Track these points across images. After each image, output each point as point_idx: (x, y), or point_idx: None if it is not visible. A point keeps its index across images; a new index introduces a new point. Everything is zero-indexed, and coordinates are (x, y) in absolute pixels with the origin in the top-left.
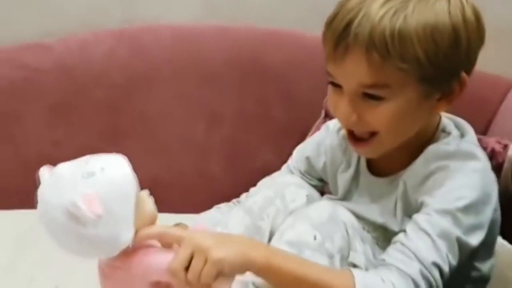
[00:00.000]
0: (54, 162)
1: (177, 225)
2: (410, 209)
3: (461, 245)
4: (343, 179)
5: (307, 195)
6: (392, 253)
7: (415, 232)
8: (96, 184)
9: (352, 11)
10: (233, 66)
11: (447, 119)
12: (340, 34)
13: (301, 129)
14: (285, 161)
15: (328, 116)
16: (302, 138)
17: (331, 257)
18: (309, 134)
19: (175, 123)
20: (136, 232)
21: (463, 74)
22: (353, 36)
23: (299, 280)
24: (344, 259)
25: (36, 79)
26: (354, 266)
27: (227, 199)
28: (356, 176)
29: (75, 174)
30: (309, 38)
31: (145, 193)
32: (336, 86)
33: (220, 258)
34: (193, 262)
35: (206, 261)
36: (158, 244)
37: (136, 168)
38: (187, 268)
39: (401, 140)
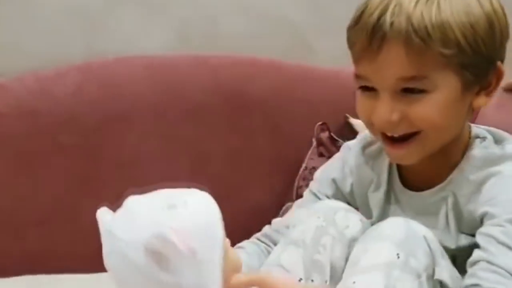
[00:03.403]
0: (18, 220)
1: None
2: (463, 222)
3: None
4: (375, 199)
5: (360, 220)
6: (484, 275)
7: (495, 247)
8: (181, 218)
9: (382, 3)
10: (215, 98)
11: (476, 127)
12: (373, 28)
13: (290, 162)
14: (277, 199)
15: (321, 145)
16: (292, 172)
17: (418, 276)
18: (303, 166)
19: (156, 166)
20: (224, 283)
21: (500, 64)
22: (389, 27)
23: None
24: (430, 277)
25: None
26: (441, 283)
27: None
28: (389, 194)
29: (154, 207)
30: (288, 66)
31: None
32: (369, 90)
33: None
34: None
35: None
36: None
37: None
38: None
39: (444, 140)
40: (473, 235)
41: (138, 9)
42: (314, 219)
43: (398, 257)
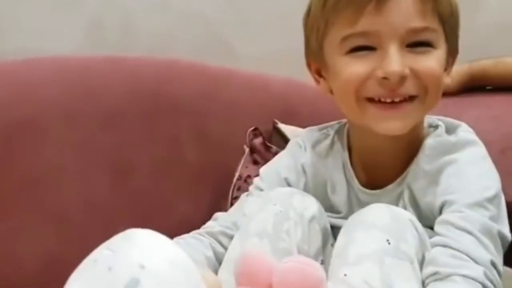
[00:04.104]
0: None
1: None
2: (422, 216)
3: (502, 239)
4: (338, 201)
5: (315, 201)
6: (445, 260)
7: (453, 232)
8: None
9: None
10: (135, 102)
11: (427, 116)
12: None
13: (220, 171)
14: (207, 212)
15: (255, 152)
16: (222, 182)
17: (411, 262)
18: (237, 175)
19: (71, 181)
20: None
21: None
22: None
23: None
24: (421, 263)
25: None
26: None
27: None
28: (351, 195)
29: None
30: (211, 68)
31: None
32: (366, 49)
33: None
34: None
35: None
36: None
37: (28, 247)
38: None
39: (430, 109)
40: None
41: (45, 5)
42: (270, 206)
43: (389, 243)
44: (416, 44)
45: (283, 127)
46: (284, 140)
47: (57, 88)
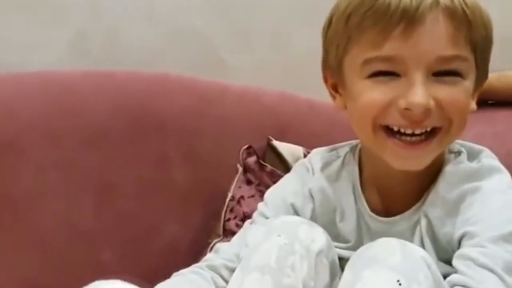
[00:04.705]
0: None
1: None
2: (440, 248)
3: None
4: (346, 230)
5: (323, 232)
6: None
7: (474, 270)
8: None
9: None
10: (121, 120)
11: None
12: (410, 2)
13: (211, 192)
14: (196, 236)
15: (248, 171)
16: (213, 203)
17: None
18: (229, 195)
19: (54, 203)
20: None
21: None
22: (433, 0)
23: None
24: None
25: None
26: None
27: None
28: (360, 222)
29: None
30: (202, 83)
31: None
32: (389, 74)
33: None
34: None
35: None
36: None
37: (7, 273)
38: None
39: (457, 138)
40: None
41: (28, 18)
42: (274, 237)
43: (400, 284)
44: (444, 73)
45: (278, 144)
46: (278, 158)
47: (38, 105)
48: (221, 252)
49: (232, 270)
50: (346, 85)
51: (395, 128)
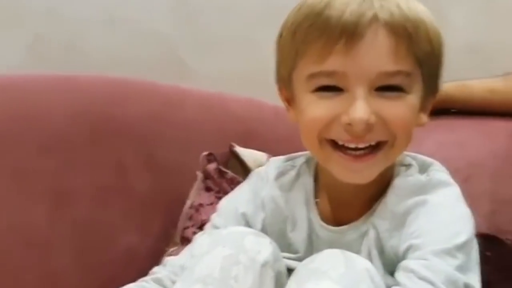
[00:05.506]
0: None
1: None
2: (388, 259)
3: None
4: (297, 239)
5: (270, 243)
6: None
7: (414, 283)
8: None
9: None
10: (78, 125)
11: None
12: (357, 10)
13: (170, 199)
14: (155, 244)
15: (208, 178)
16: (172, 211)
17: None
18: (188, 203)
19: (6, 211)
20: None
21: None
22: (379, 8)
23: None
24: None
25: None
26: None
27: None
28: (311, 232)
29: None
30: (164, 88)
31: None
32: (330, 90)
33: None
34: None
35: None
36: None
37: None
38: None
39: (400, 154)
40: None
41: None
42: (219, 248)
43: None
44: (387, 88)
45: (241, 150)
46: (241, 165)
47: None
48: (168, 264)
49: None
50: (296, 98)
51: (340, 142)
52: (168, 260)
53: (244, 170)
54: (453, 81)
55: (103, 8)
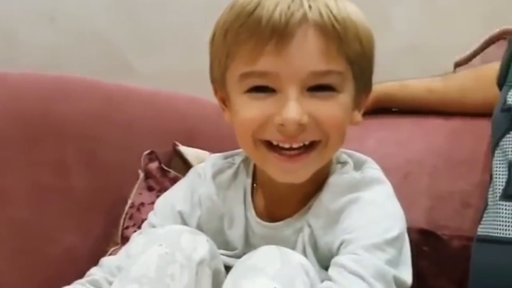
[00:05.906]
0: None
1: None
2: (322, 256)
3: (399, 285)
4: (234, 236)
5: (207, 240)
6: None
7: (344, 277)
8: None
9: None
10: (15, 124)
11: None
12: (286, 11)
13: (111, 199)
14: (95, 244)
15: (150, 177)
16: (113, 211)
17: None
18: (129, 202)
19: None
20: None
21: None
22: (308, 9)
23: None
24: None
25: None
26: None
27: None
28: (248, 229)
29: None
30: (106, 86)
31: None
32: (263, 90)
33: None
34: None
35: None
36: None
37: None
38: None
39: (334, 153)
40: None
41: None
42: (155, 247)
43: None
44: (318, 88)
45: (184, 149)
46: (185, 164)
47: None
48: (104, 265)
49: None
50: (230, 99)
51: (275, 143)
52: (104, 260)
53: (187, 169)
54: (394, 81)
55: (43, 6)
